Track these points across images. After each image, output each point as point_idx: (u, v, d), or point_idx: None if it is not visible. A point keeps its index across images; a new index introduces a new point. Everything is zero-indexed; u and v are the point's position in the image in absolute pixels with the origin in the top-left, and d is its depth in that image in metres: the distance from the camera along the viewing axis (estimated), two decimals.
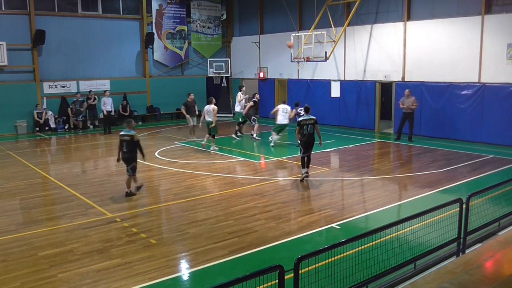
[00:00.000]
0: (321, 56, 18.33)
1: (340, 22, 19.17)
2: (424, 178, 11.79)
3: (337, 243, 5.15)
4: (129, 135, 10.30)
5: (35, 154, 16.22)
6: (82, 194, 10.62)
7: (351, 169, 12.80)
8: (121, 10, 22.92)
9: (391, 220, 6.39)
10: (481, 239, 7.29)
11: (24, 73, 20.53)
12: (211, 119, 15.21)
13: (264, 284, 4.46)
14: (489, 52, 15.70)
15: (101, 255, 7.17)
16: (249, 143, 17.23)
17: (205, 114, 15.59)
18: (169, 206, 9.75)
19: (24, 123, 20.21)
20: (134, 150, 10.32)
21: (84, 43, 21.84)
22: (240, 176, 12.06)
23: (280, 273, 4.36)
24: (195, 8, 25.22)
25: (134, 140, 10.26)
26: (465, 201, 6.68)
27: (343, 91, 20.56)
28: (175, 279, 6.45)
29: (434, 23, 17.13)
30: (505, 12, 15.32)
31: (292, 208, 9.46)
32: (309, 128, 11.30)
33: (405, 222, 5.98)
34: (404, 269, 6.03)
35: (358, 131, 19.47)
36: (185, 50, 25.07)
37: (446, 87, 16.86)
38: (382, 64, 18.96)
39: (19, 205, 9.99)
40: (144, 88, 23.78)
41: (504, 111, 15.47)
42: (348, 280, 5.33)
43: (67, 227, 8.49)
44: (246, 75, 25.89)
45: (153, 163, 13.74)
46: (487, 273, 5.48)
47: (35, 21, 20.24)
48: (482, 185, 8.68)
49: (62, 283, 6.29)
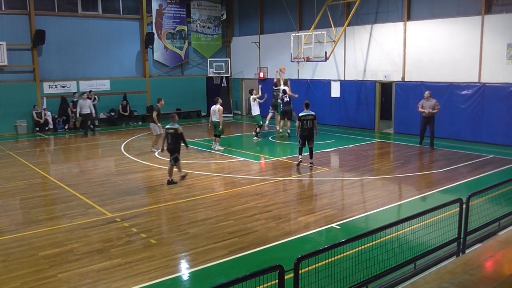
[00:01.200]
0: (321, 56, 18.33)
1: (340, 22, 19.17)
2: (424, 178, 11.80)
3: (337, 243, 5.16)
4: (173, 128, 11.32)
5: (35, 154, 16.22)
6: (82, 194, 10.62)
7: (351, 169, 12.80)
8: (121, 10, 22.91)
9: (391, 220, 6.39)
10: (481, 239, 7.30)
11: (24, 73, 20.53)
12: (218, 120, 15.22)
13: (264, 284, 4.46)
14: (489, 52, 15.70)
15: (101, 255, 7.17)
16: (249, 143, 17.22)
17: (211, 114, 15.61)
18: (169, 206, 9.75)
19: (24, 123, 20.21)
20: (178, 142, 11.38)
21: (84, 43, 21.84)
22: (240, 176, 12.06)
23: (280, 273, 4.36)
24: (195, 8, 25.22)
25: (178, 133, 11.29)
26: (465, 201, 6.68)
27: (343, 91, 20.56)
28: (175, 279, 6.45)
29: (434, 23, 17.13)
30: (505, 12, 15.32)
31: (292, 208, 9.46)
32: (308, 123, 12.41)
33: (405, 222, 5.98)
34: (404, 269, 6.03)
35: (358, 131, 19.47)
36: (185, 50, 25.07)
37: (446, 87, 16.86)
38: (382, 64, 18.96)
39: (19, 205, 9.99)
40: (144, 88, 23.78)
41: (504, 111, 15.47)
42: (348, 280, 5.33)
43: (67, 227, 8.48)
44: (246, 75, 25.90)
45: (153, 163, 13.74)
46: (487, 273, 5.48)
47: (35, 21, 20.24)
48: (482, 185, 8.68)
49: (62, 283, 6.29)
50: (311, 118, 12.43)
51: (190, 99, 25.34)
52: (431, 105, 14.98)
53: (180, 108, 24.99)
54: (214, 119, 15.43)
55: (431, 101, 15.02)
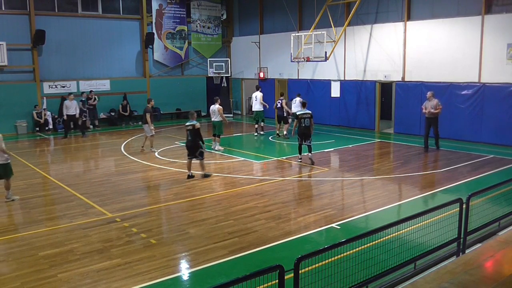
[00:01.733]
0: (321, 56, 18.33)
1: (340, 22, 19.17)
2: (424, 178, 11.80)
3: (337, 243, 5.15)
4: (191, 124, 11.71)
5: (35, 154, 16.22)
6: (82, 194, 10.62)
7: (351, 169, 12.80)
8: (121, 10, 22.91)
9: (391, 220, 6.38)
10: (481, 239, 7.29)
11: (24, 73, 20.53)
12: (217, 119, 15.25)
13: (264, 284, 4.45)
14: (489, 52, 15.70)
15: (101, 255, 7.17)
16: (249, 143, 17.22)
17: (211, 114, 15.67)
18: (169, 206, 9.75)
19: (24, 123, 20.21)
20: (197, 138, 11.73)
21: (84, 43, 21.85)
22: (240, 176, 12.06)
23: (280, 273, 4.36)
24: (195, 8, 25.22)
25: (195, 129, 11.63)
26: (465, 201, 6.68)
27: (343, 91, 20.56)
28: (175, 279, 6.45)
29: (434, 23, 17.13)
30: (505, 12, 15.32)
31: (292, 208, 9.46)
32: (306, 121, 13.05)
33: (405, 222, 5.98)
34: (404, 269, 6.03)
35: (358, 131, 19.47)
36: (185, 50, 25.07)
37: (446, 87, 16.86)
38: (382, 64, 18.96)
39: (19, 205, 9.98)
40: (144, 88, 23.78)
41: (504, 111, 15.47)
42: (348, 280, 5.33)
43: (67, 227, 8.48)
44: (246, 75, 25.90)
45: (153, 163, 13.74)
46: (487, 273, 5.48)
47: (35, 21, 20.24)
48: (482, 185, 8.69)
49: (62, 283, 6.29)
50: (309, 116, 13.08)
51: (190, 99, 25.34)
52: (433, 105, 14.62)
53: (180, 108, 25.01)
54: (213, 119, 15.43)
55: (433, 101, 14.65)
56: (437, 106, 14.65)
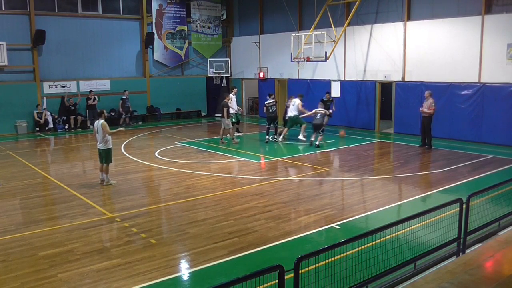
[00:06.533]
0: (321, 56, 18.33)
1: (340, 22, 19.17)
2: (424, 178, 11.80)
3: (337, 243, 5.15)
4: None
5: (35, 154, 16.22)
6: (82, 194, 10.61)
7: (351, 169, 12.80)
8: (121, 10, 22.91)
9: (391, 220, 6.38)
10: (481, 239, 7.29)
11: (24, 73, 20.53)
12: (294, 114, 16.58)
13: (264, 284, 4.46)
14: (489, 52, 15.70)
15: (101, 255, 7.17)
16: (249, 143, 17.22)
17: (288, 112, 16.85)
18: (169, 206, 9.75)
19: (24, 123, 20.21)
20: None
21: (84, 43, 21.84)
22: (240, 176, 12.06)
23: (280, 273, 4.36)
24: (195, 8, 25.21)
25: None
26: (465, 201, 6.67)
27: (343, 91, 20.56)
28: (175, 279, 6.45)
29: (434, 23, 17.12)
30: (505, 12, 15.32)
31: (292, 208, 9.46)
32: (272, 108, 16.78)
33: (405, 222, 5.97)
34: (404, 269, 6.03)
35: (358, 131, 19.47)
36: (185, 50, 25.07)
37: (446, 87, 16.86)
38: (382, 64, 18.95)
39: (19, 205, 9.99)
40: (144, 88, 23.78)
41: (504, 111, 15.47)
42: (348, 280, 5.33)
43: (67, 227, 8.48)
44: (246, 75, 25.89)
45: (153, 163, 13.74)
46: (487, 273, 5.48)
47: (35, 21, 20.24)
48: (482, 185, 8.68)
49: (62, 283, 6.29)
50: (274, 104, 16.90)
51: (190, 99, 25.34)
52: (427, 105, 15.04)
53: (180, 108, 25.01)
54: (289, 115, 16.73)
55: (429, 101, 15.03)
56: (430, 106, 14.94)
